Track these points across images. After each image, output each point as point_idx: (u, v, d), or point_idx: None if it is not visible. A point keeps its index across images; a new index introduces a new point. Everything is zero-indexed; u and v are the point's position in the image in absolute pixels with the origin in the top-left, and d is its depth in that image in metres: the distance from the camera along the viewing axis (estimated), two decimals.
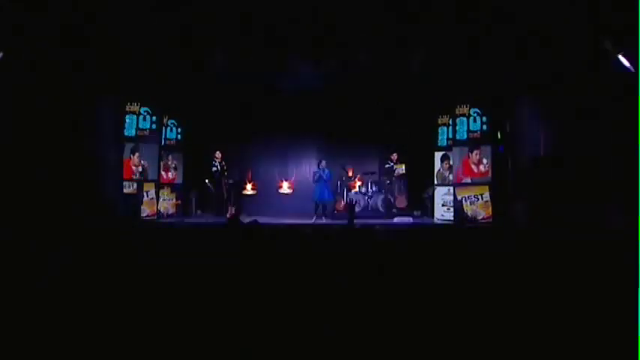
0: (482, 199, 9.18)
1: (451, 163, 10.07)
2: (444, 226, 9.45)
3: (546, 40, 7.61)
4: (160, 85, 9.55)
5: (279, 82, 10.47)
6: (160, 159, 10.07)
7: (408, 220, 10.06)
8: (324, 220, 10.03)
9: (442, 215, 10.10)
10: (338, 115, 11.39)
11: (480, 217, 9.14)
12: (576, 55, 7.42)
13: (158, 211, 9.94)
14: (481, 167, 9.44)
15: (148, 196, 9.51)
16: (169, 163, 10.60)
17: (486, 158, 9.41)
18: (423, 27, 8.74)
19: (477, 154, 9.50)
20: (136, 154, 9.49)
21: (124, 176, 9.24)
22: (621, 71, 6.30)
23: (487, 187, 9.24)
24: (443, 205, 10.18)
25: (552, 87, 7.91)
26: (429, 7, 8.23)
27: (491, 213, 9.04)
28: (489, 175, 9.27)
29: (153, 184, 9.60)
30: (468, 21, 8.23)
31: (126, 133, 9.47)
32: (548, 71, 7.85)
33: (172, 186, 10.77)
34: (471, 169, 9.57)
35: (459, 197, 9.54)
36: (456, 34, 8.61)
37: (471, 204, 9.34)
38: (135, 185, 9.38)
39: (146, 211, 9.41)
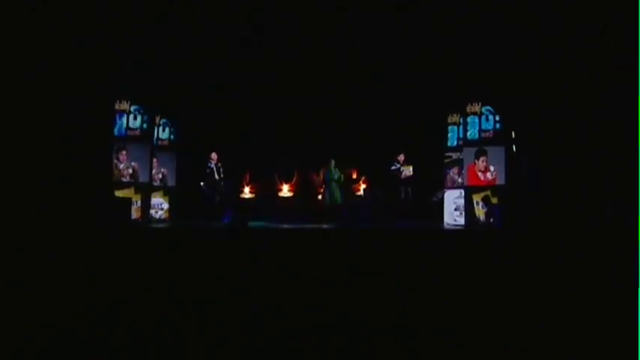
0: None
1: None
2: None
3: (558, 34, 7.39)
4: (151, 81, 8.95)
5: (279, 77, 9.96)
6: (151, 161, 9.36)
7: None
8: (326, 226, 9.17)
9: (455, 220, 9.39)
10: (341, 113, 10.82)
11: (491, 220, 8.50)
12: (586, 51, 7.19)
13: (149, 215, 9.26)
14: (488, 175, 8.77)
15: (136, 204, 8.80)
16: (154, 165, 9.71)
17: (494, 165, 8.70)
18: (429, 18, 8.44)
19: (483, 161, 8.80)
20: (125, 155, 8.89)
21: (113, 179, 8.55)
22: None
23: (495, 198, 8.59)
24: (455, 210, 9.47)
25: (567, 82, 7.63)
26: None
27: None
28: (497, 183, 8.59)
29: (140, 195, 8.89)
30: (478, 14, 7.94)
31: (115, 133, 8.77)
32: (562, 66, 7.55)
33: (165, 189, 9.98)
34: (477, 177, 8.90)
35: (475, 200, 8.88)
36: (466, 26, 8.17)
37: (482, 208, 8.77)
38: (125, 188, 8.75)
39: (133, 215, 8.69)
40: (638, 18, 4.83)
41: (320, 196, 10.72)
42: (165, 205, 9.94)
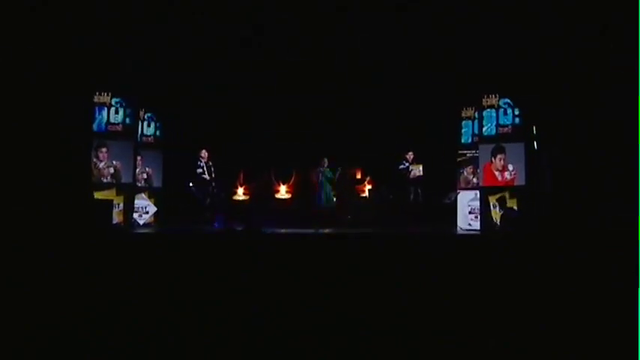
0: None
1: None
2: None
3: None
4: (135, 71, 8.22)
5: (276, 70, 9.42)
6: (135, 159, 8.51)
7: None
8: (327, 230, 8.42)
9: (469, 225, 8.63)
10: (343, 107, 10.04)
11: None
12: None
13: (132, 220, 8.41)
14: (506, 174, 7.98)
15: (118, 207, 8.02)
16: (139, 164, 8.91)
17: (513, 164, 7.93)
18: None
19: (500, 159, 8.02)
20: (106, 153, 8.12)
21: (92, 179, 7.86)
22: None
23: (515, 200, 7.78)
24: (470, 213, 8.69)
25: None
26: None
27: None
28: (515, 183, 7.89)
29: (122, 197, 8.09)
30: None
31: (94, 129, 7.96)
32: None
33: (150, 190, 9.13)
34: (494, 177, 8.10)
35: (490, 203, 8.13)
36: (483, 10, 7.71)
37: (499, 211, 8.00)
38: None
39: (115, 219, 7.87)
40: (638, 18, 4.83)
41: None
42: (151, 208, 9.06)
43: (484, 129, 8.37)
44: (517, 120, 8.04)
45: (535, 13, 7.46)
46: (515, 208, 7.68)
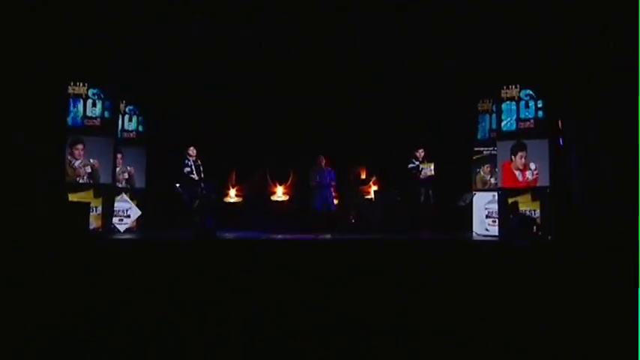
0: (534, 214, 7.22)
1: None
2: None
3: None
4: (114, 59, 7.69)
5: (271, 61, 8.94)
6: (115, 157, 7.81)
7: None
8: (329, 236, 7.81)
9: (486, 230, 7.96)
10: (345, 101, 9.48)
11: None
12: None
13: (111, 224, 7.75)
14: (527, 174, 7.36)
15: (96, 211, 7.39)
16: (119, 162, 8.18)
17: (535, 162, 7.27)
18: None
19: (521, 158, 7.38)
20: (82, 150, 7.47)
21: (67, 179, 7.26)
22: None
23: (538, 203, 7.21)
24: (487, 217, 8.02)
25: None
26: None
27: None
28: (538, 184, 7.26)
29: (100, 200, 7.45)
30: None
31: (70, 123, 7.35)
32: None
33: (132, 192, 8.36)
34: (514, 177, 7.46)
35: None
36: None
37: (511, 217, 7.51)
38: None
39: (92, 223, 7.21)
40: (638, 18, 4.84)
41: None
42: (133, 212, 8.24)
43: (503, 124, 7.68)
44: (540, 114, 7.33)
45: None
46: (533, 212, 7.25)
